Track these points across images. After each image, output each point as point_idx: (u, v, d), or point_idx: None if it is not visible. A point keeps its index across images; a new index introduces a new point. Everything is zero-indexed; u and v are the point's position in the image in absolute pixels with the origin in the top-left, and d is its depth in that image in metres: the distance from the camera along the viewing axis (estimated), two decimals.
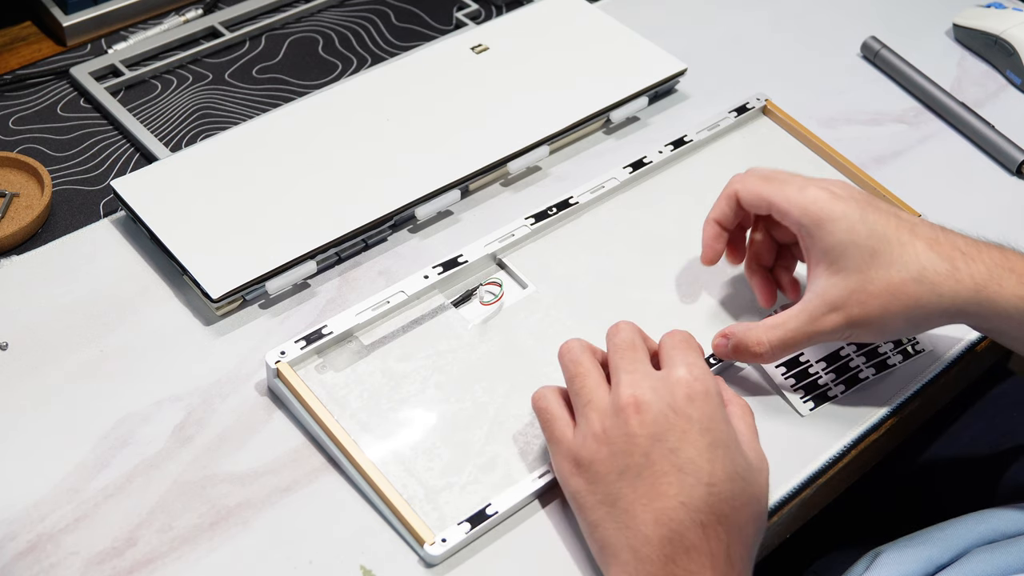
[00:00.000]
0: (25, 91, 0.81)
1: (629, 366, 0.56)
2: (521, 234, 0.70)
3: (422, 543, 0.56)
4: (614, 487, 0.53)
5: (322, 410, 0.60)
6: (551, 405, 0.58)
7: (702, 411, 0.54)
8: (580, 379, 0.57)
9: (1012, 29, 0.87)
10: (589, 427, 0.55)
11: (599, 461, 0.54)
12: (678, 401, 0.54)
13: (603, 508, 0.54)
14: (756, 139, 0.80)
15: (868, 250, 0.58)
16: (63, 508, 0.58)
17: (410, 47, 0.87)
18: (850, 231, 0.59)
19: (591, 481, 0.54)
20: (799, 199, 0.60)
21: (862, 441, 0.65)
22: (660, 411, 0.54)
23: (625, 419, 0.54)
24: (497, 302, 0.68)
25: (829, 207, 0.59)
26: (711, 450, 0.53)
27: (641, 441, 0.53)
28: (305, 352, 0.63)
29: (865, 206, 0.59)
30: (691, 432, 0.53)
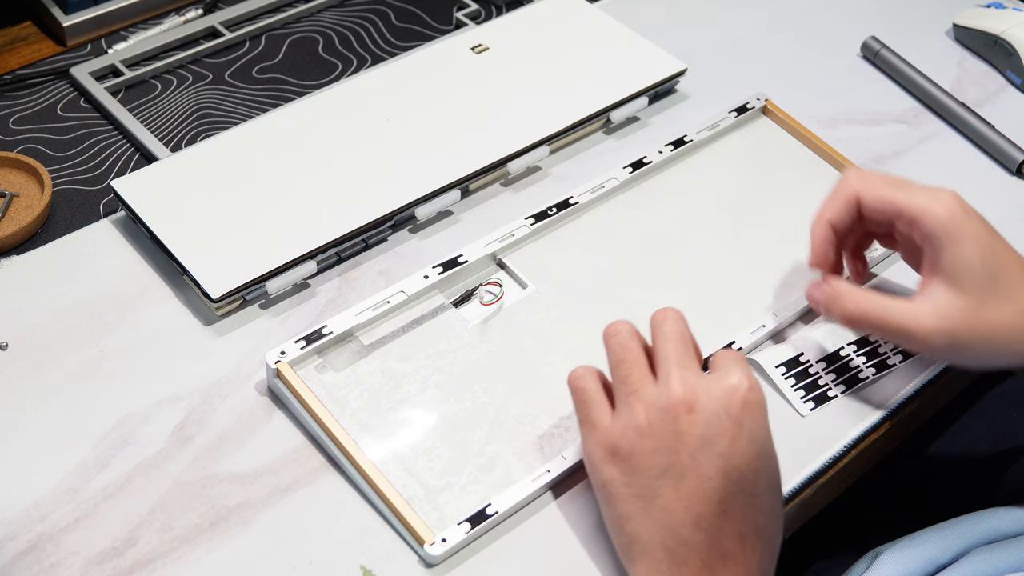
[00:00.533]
0: (25, 91, 0.81)
1: (682, 360, 0.54)
2: (521, 234, 0.70)
3: (422, 543, 0.56)
4: (654, 483, 0.52)
5: (322, 410, 0.60)
6: (589, 386, 0.56)
7: (754, 420, 0.53)
8: (627, 365, 0.55)
9: (1012, 29, 0.87)
10: (633, 417, 0.53)
11: (640, 454, 0.53)
12: (733, 407, 0.53)
13: (638, 502, 0.53)
14: (756, 139, 0.80)
15: (991, 276, 0.58)
16: (63, 508, 0.58)
17: (410, 47, 0.87)
18: (980, 252, 0.58)
19: (628, 473, 0.53)
20: (934, 208, 0.59)
21: (862, 441, 0.65)
22: (714, 413, 0.52)
23: (675, 416, 0.52)
24: (497, 302, 0.68)
25: (964, 222, 0.58)
26: (758, 460, 0.53)
27: (690, 441, 0.52)
28: (305, 352, 0.63)
29: (990, 228, 0.60)
30: (741, 440, 0.52)
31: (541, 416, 0.62)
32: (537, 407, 0.62)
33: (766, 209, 0.75)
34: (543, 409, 0.62)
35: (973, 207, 0.60)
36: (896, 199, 0.60)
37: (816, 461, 0.63)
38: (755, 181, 0.77)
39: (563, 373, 0.64)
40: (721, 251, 0.72)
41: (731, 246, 0.72)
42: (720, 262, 0.71)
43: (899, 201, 0.60)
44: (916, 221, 0.60)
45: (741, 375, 0.54)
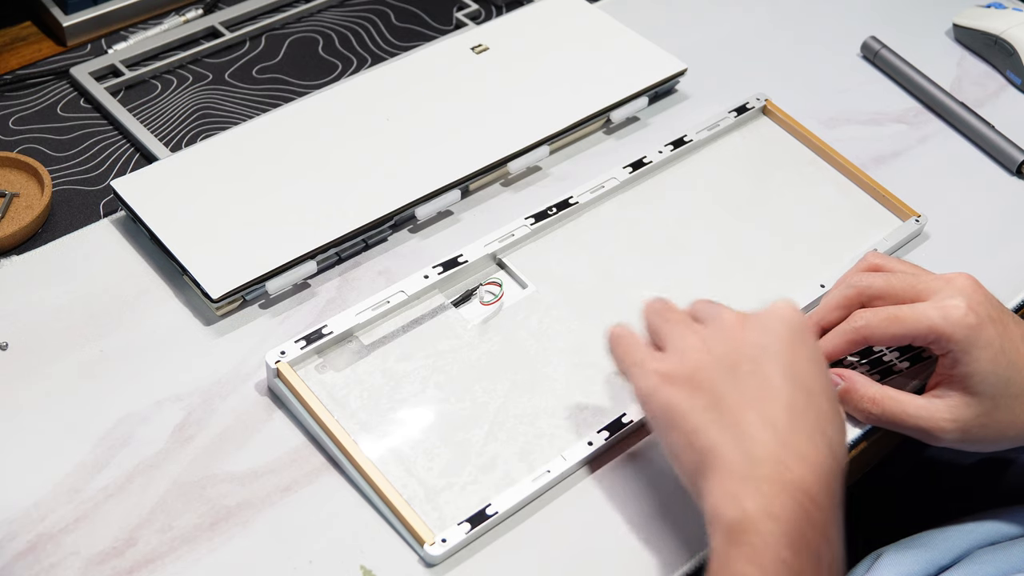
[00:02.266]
0: (25, 91, 0.81)
1: (715, 304, 0.57)
2: (521, 234, 0.70)
3: (422, 543, 0.56)
4: (719, 391, 0.53)
5: (322, 410, 0.60)
6: (630, 334, 0.58)
7: (803, 332, 0.55)
8: (665, 314, 0.57)
9: (1012, 29, 0.87)
10: (687, 343, 0.55)
11: (701, 369, 0.54)
12: (785, 319, 0.55)
13: (707, 414, 0.53)
14: (756, 139, 0.80)
15: (1005, 380, 0.59)
16: (63, 508, 0.58)
17: (410, 47, 0.87)
18: (993, 361, 0.59)
19: (693, 389, 0.54)
20: (946, 328, 0.59)
21: (862, 441, 0.64)
22: (767, 323, 0.55)
23: (732, 332, 0.55)
24: (497, 302, 0.68)
25: (975, 335, 0.59)
26: (814, 365, 0.54)
27: (749, 349, 0.54)
28: (305, 352, 0.63)
29: (1001, 328, 0.60)
30: (796, 345, 0.54)
31: (541, 416, 0.62)
32: (537, 407, 0.62)
33: (766, 209, 0.75)
34: (543, 409, 0.62)
35: (985, 297, 0.61)
36: (905, 332, 0.61)
37: None
38: (755, 181, 0.77)
39: (563, 373, 0.64)
40: (721, 251, 0.72)
41: (731, 246, 0.72)
42: (720, 262, 0.71)
43: (909, 332, 0.61)
44: (930, 343, 0.61)
45: (785, 304, 0.56)
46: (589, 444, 0.61)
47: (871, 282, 0.63)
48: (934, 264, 0.68)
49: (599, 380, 0.64)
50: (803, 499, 0.50)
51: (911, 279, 0.62)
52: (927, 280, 0.62)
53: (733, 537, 0.50)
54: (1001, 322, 0.60)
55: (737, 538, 0.50)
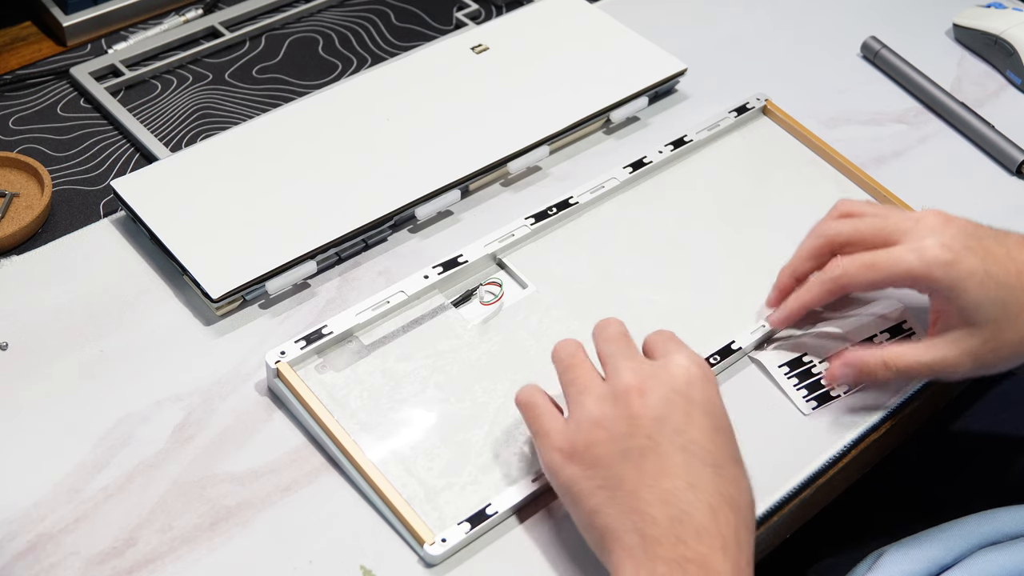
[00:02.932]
0: (25, 91, 0.81)
1: (626, 353, 0.56)
2: (521, 234, 0.70)
3: (422, 543, 0.56)
4: (615, 470, 0.52)
5: (322, 410, 0.60)
6: (536, 399, 0.57)
7: (704, 394, 0.54)
8: (574, 369, 0.56)
9: (1012, 29, 0.87)
10: (585, 413, 0.54)
11: (598, 444, 0.53)
12: (679, 384, 0.54)
13: (603, 493, 0.52)
14: (756, 139, 0.80)
15: (999, 303, 0.59)
16: (63, 508, 0.58)
17: (410, 47, 0.87)
18: (981, 288, 0.59)
19: (589, 467, 0.53)
20: (923, 270, 0.59)
21: (862, 441, 0.64)
22: (663, 394, 0.53)
23: (627, 402, 0.53)
24: (497, 302, 0.67)
25: (956, 271, 0.59)
26: (715, 432, 0.53)
27: (645, 423, 0.52)
28: (305, 352, 0.63)
29: (982, 254, 0.60)
30: (695, 414, 0.53)
31: None
32: None
33: (766, 209, 0.75)
34: None
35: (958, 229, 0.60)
36: (883, 278, 0.61)
37: (816, 461, 0.63)
38: (755, 181, 0.77)
39: None
40: (721, 251, 0.72)
41: (731, 246, 0.72)
42: (720, 262, 0.71)
43: (887, 278, 0.61)
44: (911, 286, 0.61)
45: (682, 355, 0.55)
46: None
47: (839, 229, 0.63)
48: None
49: None
50: (699, 572, 0.50)
51: (879, 222, 0.62)
52: (896, 221, 0.62)
53: None
54: (980, 248, 0.60)
55: None
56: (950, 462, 0.79)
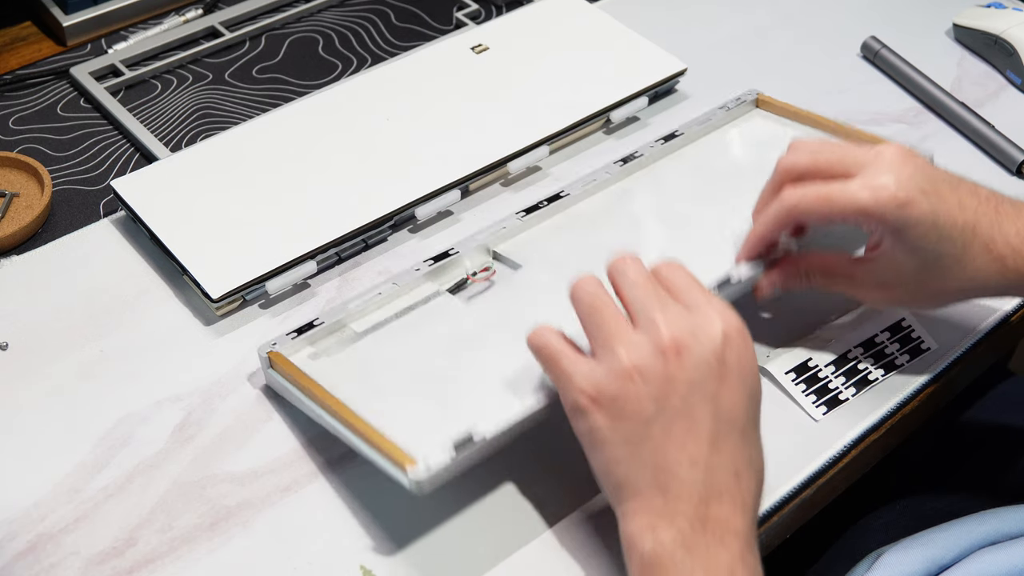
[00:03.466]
0: (25, 91, 0.81)
1: (659, 304, 0.53)
2: (512, 225, 0.70)
3: (405, 468, 0.53)
4: (643, 428, 0.51)
5: (315, 384, 0.59)
6: (553, 339, 0.54)
7: (739, 358, 0.52)
8: (599, 312, 0.54)
9: (1012, 29, 0.87)
10: (616, 361, 0.52)
11: (627, 399, 0.51)
12: (717, 346, 0.52)
13: (627, 447, 0.51)
14: (750, 128, 0.79)
15: (934, 255, 0.59)
16: (63, 508, 0.58)
17: (410, 47, 0.87)
18: (924, 237, 0.58)
19: (615, 418, 0.52)
20: (876, 209, 0.58)
21: (863, 441, 0.64)
22: (701, 357, 0.51)
23: (664, 361, 0.51)
24: (489, 278, 0.67)
25: (906, 214, 0.58)
26: (748, 399, 0.53)
27: (679, 386, 0.51)
28: (297, 342, 0.62)
29: (935, 199, 0.59)
30: (730, 380, 0.52)
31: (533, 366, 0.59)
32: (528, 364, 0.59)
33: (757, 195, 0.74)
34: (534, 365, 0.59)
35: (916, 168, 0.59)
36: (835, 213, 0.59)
37: (816, 461, 0.63)
38: (748, 168, 0.75)
39: None
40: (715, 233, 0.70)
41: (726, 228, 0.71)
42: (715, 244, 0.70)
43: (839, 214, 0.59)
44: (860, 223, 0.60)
45: (718, 312, 0.53)
46: None
47: (796, 159, 0.61)
48: None
49: None
50: (720, 531, 0.50)
51: (839, 152, 0.61)
52: (855, 154, 0.60)
53: (648, 569, 0.50)
54: (935, 193, 0.59)
55: (652, 571, 0.50)
56: (950, 462, 0.79)
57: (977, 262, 0.60)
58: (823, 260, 0.63)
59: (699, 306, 0.53)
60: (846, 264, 0.63)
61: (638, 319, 0.53)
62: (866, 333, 0.68)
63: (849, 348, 0.67)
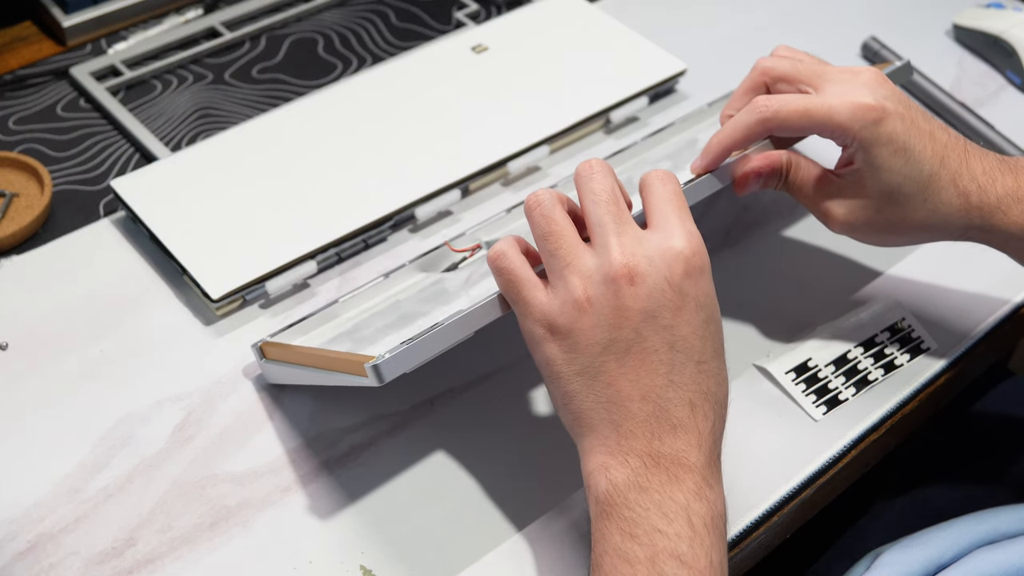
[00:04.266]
0: (25, 91, 0.81)
1: (616, 227, 0.51)
2: (501, 218, 0.69)
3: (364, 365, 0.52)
4: (597, 359, 0.50)
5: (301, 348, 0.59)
6: (514, 265, 0.53)
7: (698, 287, 0.51)
8: (555, 238, 0.52)
9: (1012, 29, 0.87)
10: (569, 292, 0.51)
11: (581, 331, 0.50)
12: (675, 276, 0.50)
13: (581, 379, 0.51)
14: None
15: (901, 177, 0.59)
16: (63, 508, 0.58)
17: (410, 47, 0.87)
18: (894, 156, 0.59)
19: (569, 350, 0.51)
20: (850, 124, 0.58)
21: (862, 441, 0.64)
22: (656, 285, 0.50)
23: (616, 290, 0.50)
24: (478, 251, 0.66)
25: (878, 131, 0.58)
26: (704, 327, 0.51)
27: (632, 315, 0.50)
28: (289, 333, 0.62)
29: (908, 123, 0.59)
30: (686, 308, 0.50)
31: None
32: None
33: None
34: None
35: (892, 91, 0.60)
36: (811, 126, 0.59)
37: (816, 461, 0.63)
38: None
39: None
40: None
41: None
42: None
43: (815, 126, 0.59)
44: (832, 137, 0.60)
45: (684, 237, 0.51)
46: None
47: (777, 64, 0.61)
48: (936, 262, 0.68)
49: None
50: (674, 468, 0.49)
51: (819, 65, 0.61)
52: (835, 69, 0.61)
53: (605, 509, 0.50)
54: (909, 117, 0.59)
55: (609, 511, 0.49)
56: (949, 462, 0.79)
57: (942, 194, 0.60)
58: (802, 163, 0.62)
59: (664, 226, 0.52)
60: (819, 174, 0.62)
61: (595, 240, 0.52)
62: (866, 333, 0.68)
63: (849, 348, 0.67)
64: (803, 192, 0.62)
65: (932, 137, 0.60)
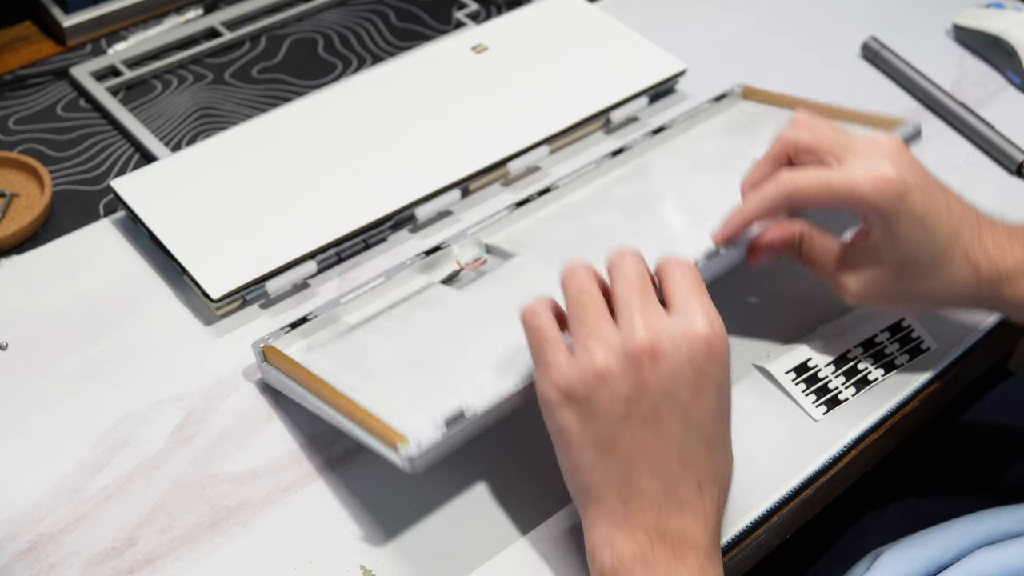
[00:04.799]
0: (25, 91, 0.81)
1: (642, 305, 0.52)
2: (503, 217, 0.70)
3: (396, 446, 0.52)
4: (612, 432, 0.51)
5: (307, 372, 0.59)
6: (544, 324, 0.53)
7: (716, 368, 0.52)
8: (583, 307, 0.53)
9: (1012, 29, 0.87)
10: (591, 360, 0.51)
11: (599, 401, 0.51)
12: (697, 357, 0.51)
13: (594, 451, 0.51)
14: (738, 120, 0.79)
15: (916, 249, 0.60)
16: (63, 508, 0.58)
17: (410, 47, 0.87)
18: (912, 227, 0.59)
19: (585, 419, 0.51)
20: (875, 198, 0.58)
21: (862, 441, 0.64)
22: (677, 364, 0.51)
23: (638, 365, 0.50)
24: (481, 264, 0.67)
25: (901, 205, 0.58)
26: (718, 411, 0.52)
27: (652, 391, 0.50)
28: (291, 336, 0.62)
29: (927, 194, 0.59)
30: (705, 390, 0.51)
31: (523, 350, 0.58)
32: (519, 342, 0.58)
33: None
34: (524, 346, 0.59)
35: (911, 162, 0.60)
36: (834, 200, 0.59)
37: (816, 461, 0.63)
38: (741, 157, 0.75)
39: None
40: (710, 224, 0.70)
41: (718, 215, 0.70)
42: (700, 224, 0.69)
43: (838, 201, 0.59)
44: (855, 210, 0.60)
45: (705, 319, 0.52)
46: None
47: (800, 136, 0.61)
48: None
49: None
50: (679, 546, 0.50)
51: (840, 136, 0.61)
52: (854, 139, 0.61)
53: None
54: (927, 188, 0.59)
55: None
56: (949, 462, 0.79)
57: (954, 267, 0.60)
58: (816, 235, 0.63)
59: (687, 310, 0.52)
60: (835, 246, 0.62)
61: (620, 317, 0.52)
62: (866, 333, 0.68)
63: (849, 348, 0.67)
64: (817, 264, 0.63)
65: (949, 209, 0.60)
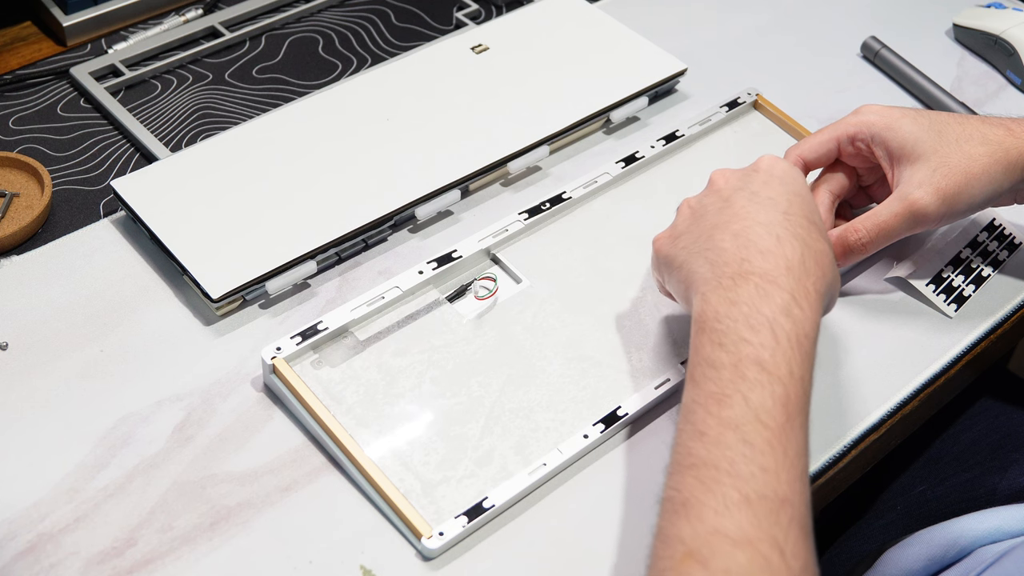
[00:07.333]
0: (25, 91, 0.81)
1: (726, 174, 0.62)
2: (514, 229, 0.70)
3: (420, 537, 0.56)
4: (696, 229, 0.59)
5: (319, 406, 0.60)
6: None
7: (783, 171, 0.60)
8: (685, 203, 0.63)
9: (1012, 29, 0.87)
10: (680, 215, 0.62)
11: (686, 219, 0.61)
12: (761, 166, 0.60)
13: (686, 251, 0.59)
14: (747, 133, 0.80)
15: (935, 133, 0.65)
16: (63, 508, 0.58)
17: (410, 47, 0.87)
18: (915, 124, 0.65)
19: (677, 237, 0.60)
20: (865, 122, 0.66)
21: (862, 441, 0.64)
22: (744, 173, 0.60)
23: (713, 186, 0.61)
24: (491, 297, 0.67)
25: (887, 114, 0.66)
26: (791, 194, 0.58)
27: (724, 192, 0.60)
28: (301, 348, 0.63)
29: (916, 110, 0.67)
30: (772, 181, 0.59)
31: (536, 410, 0.62)
32: (532, 401, 0.62)
33: None
34: (538, 403, 0.62)
35: None
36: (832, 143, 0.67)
37: (816, 461, 0.63)
38: None
39: (557, 367, 0.64)
40: None
41: None
42: None
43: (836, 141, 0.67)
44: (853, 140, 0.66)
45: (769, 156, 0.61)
46: (585, 437, 0.61)
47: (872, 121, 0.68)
48: None
49: (593, 374, 0.64)
50: (763, 283, 0.54)
51: None
52: None
53: (702, 326, 0.55)
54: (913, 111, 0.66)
55: (704, 326, 0.54)
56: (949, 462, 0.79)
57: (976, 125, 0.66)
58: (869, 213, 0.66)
59: None
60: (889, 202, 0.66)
61: None
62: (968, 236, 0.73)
63: (960, 249, 0.72)
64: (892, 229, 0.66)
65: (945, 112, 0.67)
